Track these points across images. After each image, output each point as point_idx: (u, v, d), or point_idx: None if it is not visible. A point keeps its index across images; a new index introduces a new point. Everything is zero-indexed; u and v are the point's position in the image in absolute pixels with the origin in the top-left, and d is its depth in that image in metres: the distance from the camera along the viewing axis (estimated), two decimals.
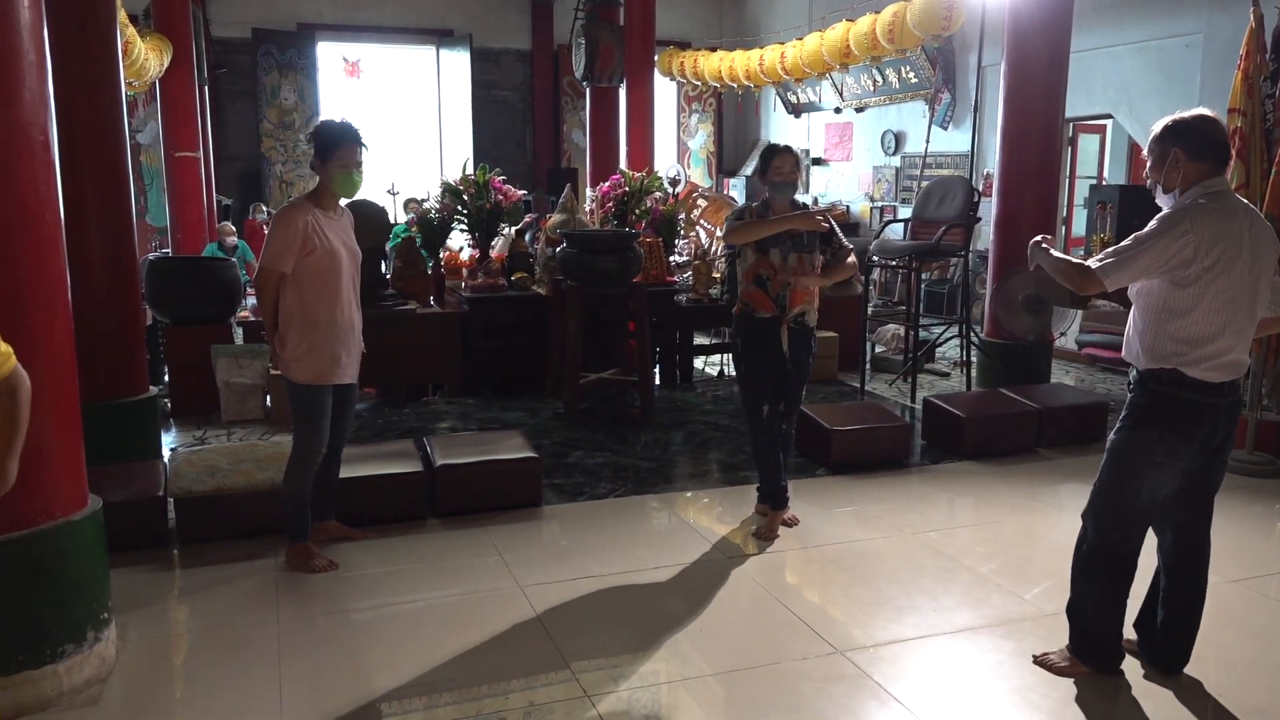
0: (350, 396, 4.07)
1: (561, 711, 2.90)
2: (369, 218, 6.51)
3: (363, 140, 3.84)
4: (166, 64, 9.67)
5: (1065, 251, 9.82)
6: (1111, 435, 2.97)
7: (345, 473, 4.29)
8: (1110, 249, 2.79)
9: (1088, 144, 11.31)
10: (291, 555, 3.93)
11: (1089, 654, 3.08)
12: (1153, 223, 2.76)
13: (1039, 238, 3.08)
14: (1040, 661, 3.16)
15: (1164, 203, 2.84)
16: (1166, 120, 2.83)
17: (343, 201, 3.96)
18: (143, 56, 8.49)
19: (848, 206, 13.12)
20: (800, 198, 4.33)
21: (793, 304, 4.18)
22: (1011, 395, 5.92)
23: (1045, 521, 4.69)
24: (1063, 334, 8.01)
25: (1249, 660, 3.24)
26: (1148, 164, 2.87)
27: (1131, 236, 2.77)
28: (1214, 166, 2.76)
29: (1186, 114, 2.81)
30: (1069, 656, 3.12)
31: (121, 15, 6.03)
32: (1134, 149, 10.28)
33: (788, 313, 4.18)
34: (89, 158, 4.77)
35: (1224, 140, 2.80)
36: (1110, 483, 2.95)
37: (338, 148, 3.76)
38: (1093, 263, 2.79)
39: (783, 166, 4.14)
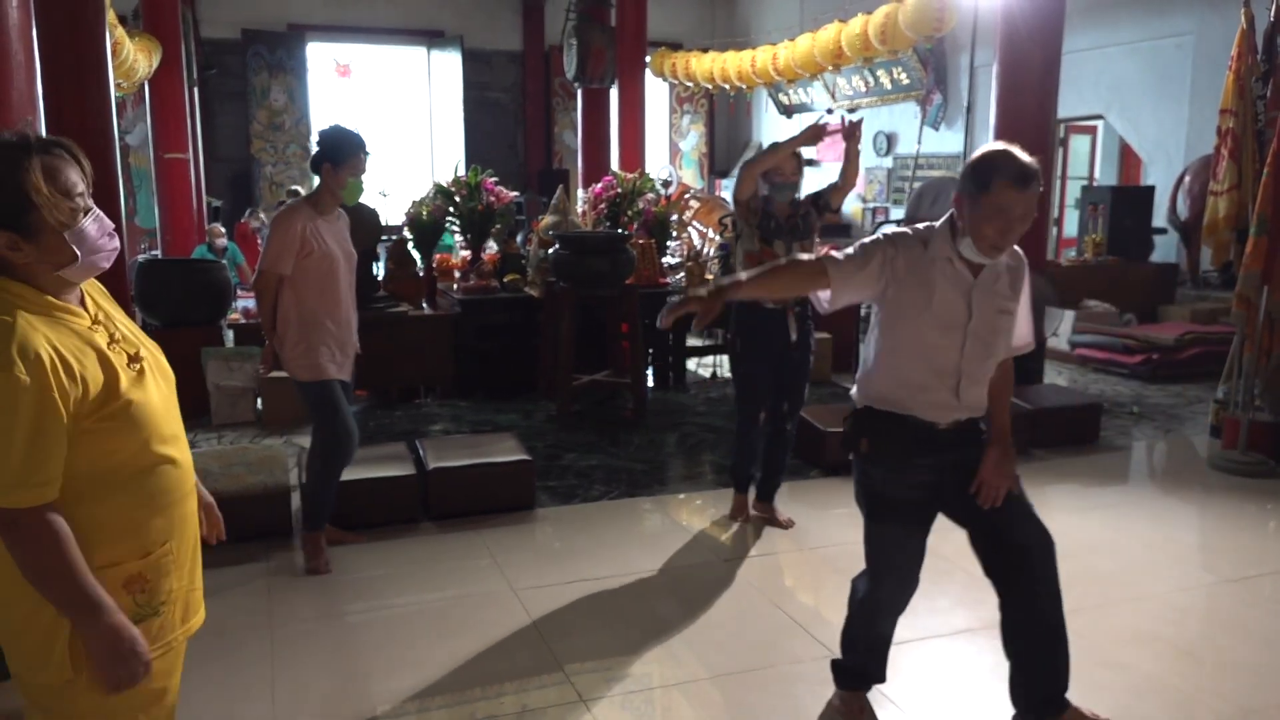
0: (346, 395, 4.07)
1: (554, 715, 2.88)
2: (361, 220, 6.49)
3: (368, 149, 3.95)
4: (156, 65, 9.63)
5: (1057, 255, 9.87)
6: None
7: None
8: None
9: (1079, 145, 11.35)
10: (306, 543, 3.98)
11: None
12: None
13: None
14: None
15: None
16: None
17: None
18: (132, 57, 8.45)
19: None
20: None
21: None
22: None
23: None
24: (1055, 334, 8.03)
25: (1244, 660, 3.24)
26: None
27: None
28: None
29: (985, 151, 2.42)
30: None
31: (110, 16, 5.99)
32: (1125, 150, 10.31)
33: (792, 302, 4.17)
34: None
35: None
36: None
37: (352, 155, 3.83)
38: None
39: (784, 167, 4.14)
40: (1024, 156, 2.34)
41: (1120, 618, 3.52)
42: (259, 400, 6.25)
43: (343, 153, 3.81)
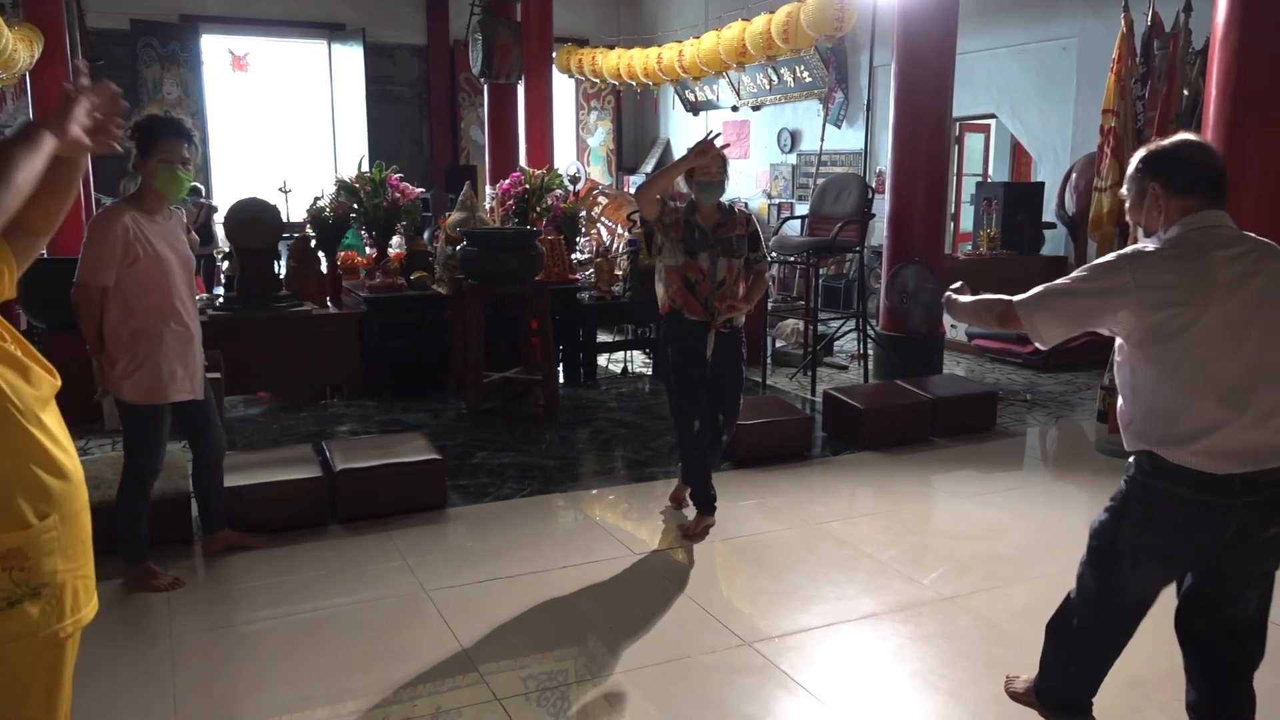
0: (205, 411, 3.84)
1: (470, 715, 2.87)
2: (261, 217, 6.33)
3: (192, 138, 3.53)
4: (38, 55, 9.20)
5: (954, 249, 10.20)
6: (1100, 515, 2.62)
7: (241, 480, 4.16)
8: (1041, 285, 2.37)
9: (973, 143, 11.75)
10: (130, 578, 3.70)
11: (1053, 705, 2.83)
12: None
13: (954, 288, 2.72)
14: (1007, 681, 2.99)
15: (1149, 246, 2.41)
16: (1143, 150, 2.38)
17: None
18: (11, 47, 8.06)
19: (747, 204, 13.30)
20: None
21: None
22: (906, 386, 6.10)
23: (941, 507, 4.85)
24: (954, 326, 8.30)
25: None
26: (1127, 202, 2.42)
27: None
28: (1204, 201, 2.27)
29: (1166, 141, 2.34)
30: (1031, 693, 2.87)
31: None
32: (1016, 147, 10.71)
33: (716, 318, 4.15)
34: None
35: (1216, 169, 2.28)
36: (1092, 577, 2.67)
37: (159, 141, 3.43)
38: (1016, 298, 2.40)
39: (710, 167, 4.11)
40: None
41: (1017, 597, 3.67)
42: None
43: (151, 140, 3.42)
